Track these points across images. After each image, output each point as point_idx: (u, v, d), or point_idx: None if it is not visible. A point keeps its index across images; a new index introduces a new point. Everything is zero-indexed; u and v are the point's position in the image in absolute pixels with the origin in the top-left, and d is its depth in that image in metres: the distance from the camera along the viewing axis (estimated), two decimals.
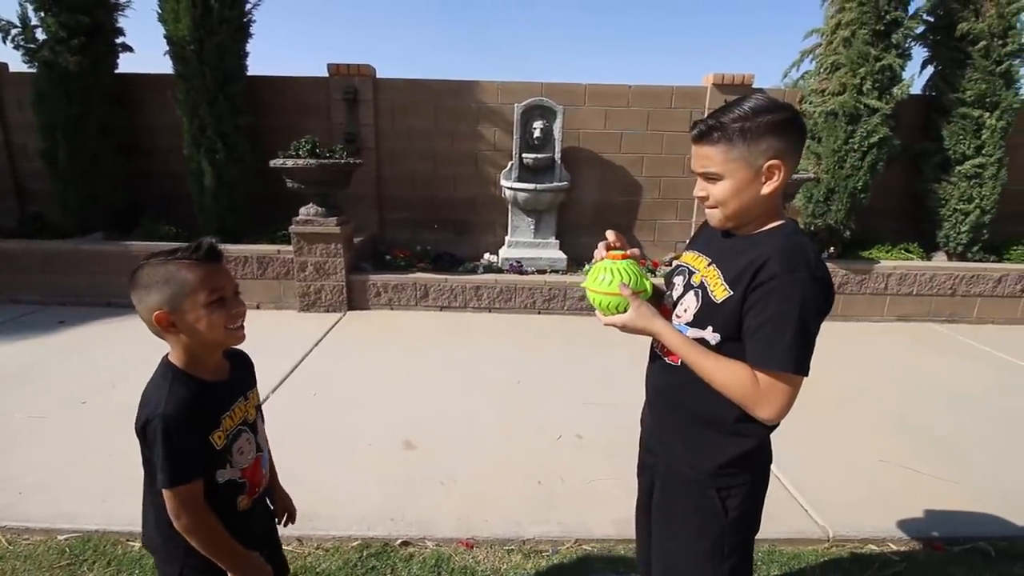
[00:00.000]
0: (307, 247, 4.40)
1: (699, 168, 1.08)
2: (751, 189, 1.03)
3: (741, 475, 1.13)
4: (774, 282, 0.98)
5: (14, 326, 4.02)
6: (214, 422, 1.03)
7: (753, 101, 1.01)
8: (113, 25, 4.85)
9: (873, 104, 4.46)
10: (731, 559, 1.15)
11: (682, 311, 1.14)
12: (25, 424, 2.63)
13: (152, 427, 0.97)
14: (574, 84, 5.17)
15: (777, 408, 1.02)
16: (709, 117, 1.04)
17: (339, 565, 1.82)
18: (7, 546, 1.89)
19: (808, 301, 0.98)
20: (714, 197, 1.07)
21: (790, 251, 1.01)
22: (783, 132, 1.01)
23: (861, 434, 2.74)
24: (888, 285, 4.56)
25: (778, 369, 1.00)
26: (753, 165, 1.02)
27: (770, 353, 1.00)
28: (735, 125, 1.00)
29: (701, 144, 1.05)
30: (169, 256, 1.00)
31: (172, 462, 0.97)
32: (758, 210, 1.07)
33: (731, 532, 1.14)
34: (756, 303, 1.01)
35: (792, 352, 0.99)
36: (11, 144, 5.30)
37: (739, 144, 1.01)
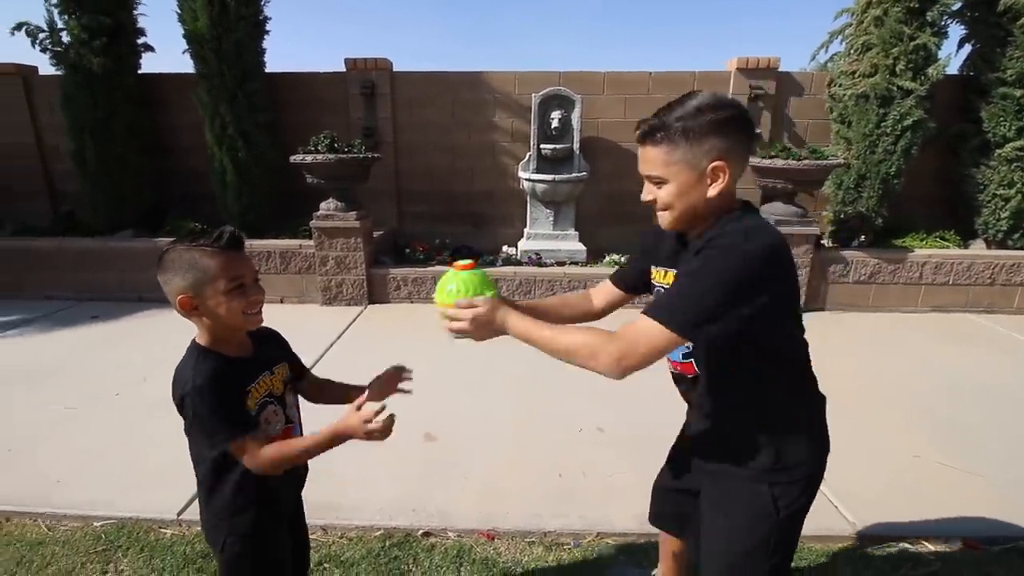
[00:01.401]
0: (328, 242, 4.45)
1: (643, 171, 1.05)
2: (696, 191, 1.00)
3: (796, 475, 1.11)
4: (702, 252, 0.96)
5: (49, 321, 4.17)
6: (241, 392, 1.08)
7: (697, 99, 0.98)
8: (134, 25, 4.95)
9: (907, 85, 4.28)
10: (774, 558, 1.13)
11: None
12: (62, 415, 2.72)
13: (189, 400, 1.02)
14: (592, 72, 5.09)
15: (618, 352, 0.96)
16: (652, 116, 1.01)
17: (363, 554, 1.84)
18: (47, 532, 1.96)
19: (717, 267, 0.93)
20: (661, 200, 1.04)
21: (730, 230, 0.97)
22: (727, 131, 0.97)
23: (894, 429, 2.66)
24: (923, 274, 4.40)
25: (648, 314, 0.95)
26: (697, 167, 0.98)
27: (652, 304, 0.99)
28: (677, 124, 0.97)
29: (644, 145, 1.03)
30: (193, 242, 1.05)
31: (219, 421, 1.03)
32: (707, 211, 1.03)
33: (779, 531, 1.11)
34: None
35: (671, 305, 0.95)
36: (43, 146, 5.46)
37: (682, 145, 0.97)
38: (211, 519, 1.17)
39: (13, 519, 2.02)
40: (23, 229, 5.10)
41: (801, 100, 5.06)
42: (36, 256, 4.70)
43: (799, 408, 1.14)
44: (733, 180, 1.00)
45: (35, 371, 3.24)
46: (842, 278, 4.41)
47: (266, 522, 1.17)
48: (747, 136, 1.01)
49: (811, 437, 1.14)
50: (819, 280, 4.39)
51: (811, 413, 1.16)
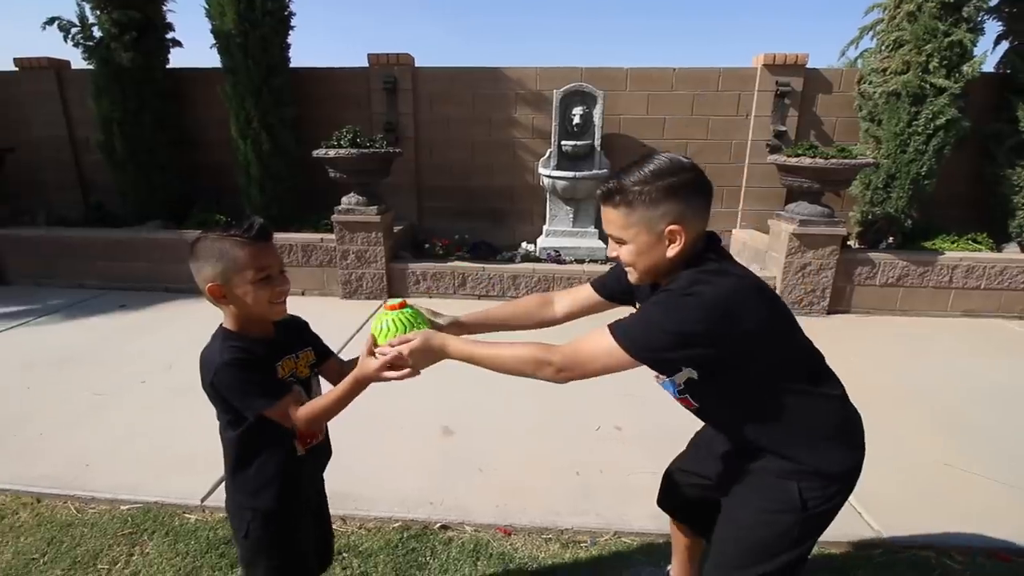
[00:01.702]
0: (349, 235, 4.49)
1: (606, 230, 1.10)
2: (655, 252, 1.04)
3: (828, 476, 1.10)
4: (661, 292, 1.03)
5: (80, 309, 4.28)
6: (269, 370, 1.13)
7: (655, 163, 1.01)
8: (163, 21, 5.05)
9: (940, 83, 4.16)
10: (792, 553, 1.11)
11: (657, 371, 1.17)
12: (90, 401, 2.80)
13: (218, 379, 1.07)
14: (615, 68, 5.04)
15: (569, 359, 1.04)
16: (612, 178, 1.05)
17: (381, 545, 1.86)
18: (76, 514, 2.02)
19: (672, 304, 0.99)
20: (623, 259, 1.09)
21: (689, 275, 1.02)
22: (683, 195, 1.00)
23: (922, 435, 2.59)
24: (953, 278, 4.27)
25: (614, 334, 1.01)
26: (654, 230, 1.02)
27: (618, 324, 1.03)
28: (635, 189, 1.00)
29: (605, 206, 1.07)
30: (224, 232, 1.08)
31: (253, 390, 1.08)
32: (669, 269, 1.07)
33: (803, 525, 1.10)
34: None
35: (628, 324, 1.02)
36: (74, 138, 5.61)
37: (639, 208, 1.01)
38: (235, 498, 1.21)
39: (44, 500, 2.08)
40: (55, 219, 5.25)
41: (829, 97, 4.95)
42: (67, 245, 4.84)
43: (820, 416, 1.12)
44: (691, 241, 1.03)
45: (66, 357, 3.34)
46: (869, 280, 4.31)
47: (288, 504, 1.19)
48: (703, 200, 1.04)
49: (841, 441, 1.12)
50: (844, 282, 4.30)
51: (835, 417, 1.14)
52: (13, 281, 4.93)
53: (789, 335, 1.08)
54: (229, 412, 1.13)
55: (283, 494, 1.18)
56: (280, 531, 1.20)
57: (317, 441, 1.27)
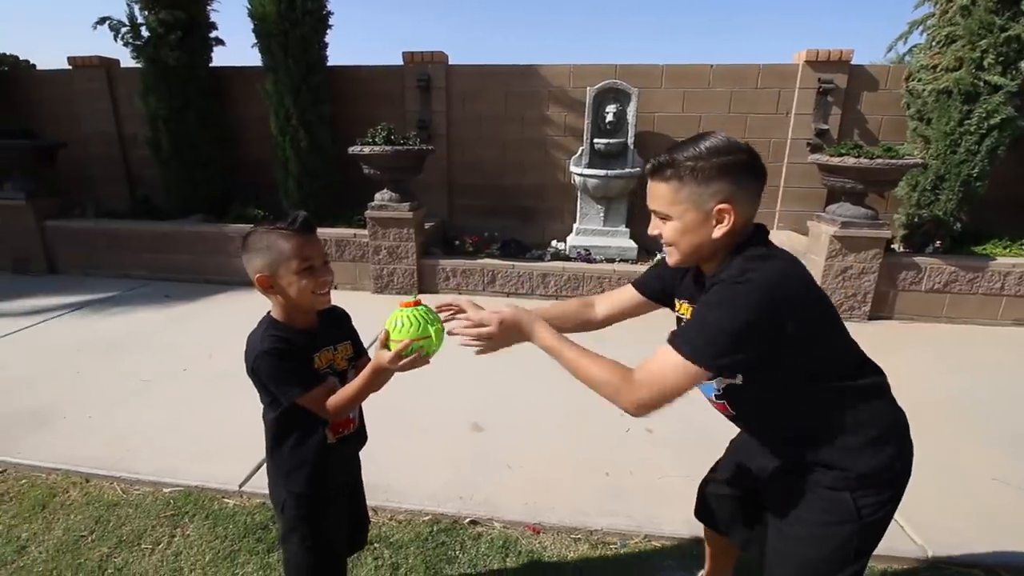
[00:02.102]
0: (381, 231, 4.55)
1: (650, 206, 1.06)
2: (701, 231, 1.01)
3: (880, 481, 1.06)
4: (714, 287, 0.98)
5: (126, 299, 4.47)
6: (306, 360, 1.17)
7: (710, 140, 0.98)
8: (207, 20, 5.20)
9: (995, 80, 3.95)
10: (855, 565, 1.07)
11: None
12: (136, 386, 2.91)
13: (259, 363, 1.12)
14: (650, 65, 4.97)
15: (646, 394, 0.98)
16: (664, 153, 1.02)
17: (411, 537, 1.88)
18: (121, 494, 2.11)
19: (730, 300, 0.94)
20: (666, 237, 1.05)
21: (740, 264, 0.98)
22: (736, 175, 0.97)
23: (969, 449, 2.47)
24: (1005, 285, 4.07)
25: (673, 347, 0.97)
26: (703, 208, 0.99)
27: (675, 336, 0.99)
28: (688, 164, 0.98)
29: (654, 180, 1.04)
30: (271, 226, 1.14)
31: (286, 379, 1.13)
32: (712, 252, 1.04)
33: (861, 536, 1.06)
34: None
35: (687, 334, 0.97)
36: (122, 135, 5.85)
37: (690, 184, 0.98)
38: (273, 476, 1.28)
39: (93, 480, 2.18)
40: (103, 212, 5.49)
41: (875, 95, 4.76)
42: (115, 237, 5.05)
43: (868, 417, 1.07)
44: (739, 224, 1.00)
45: (114, 344, 3.48)
46: (913, 286, 4.14)
47: (317, 488, 1.24)
48: (756, 182, 1.00)
49: (890, 443, 1.08)
50: (888, 287, 4.14)
51: (886, 417, 1.10)
52: (63, 271, 5.18)
53: (838, 327, 1.05)
54: (268, 396, 1.18)
55: (312, 478, 1.23)
56: (312, 512, 1.26)
57: (349, 431, 1.30)
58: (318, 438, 1.22)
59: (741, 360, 0.97)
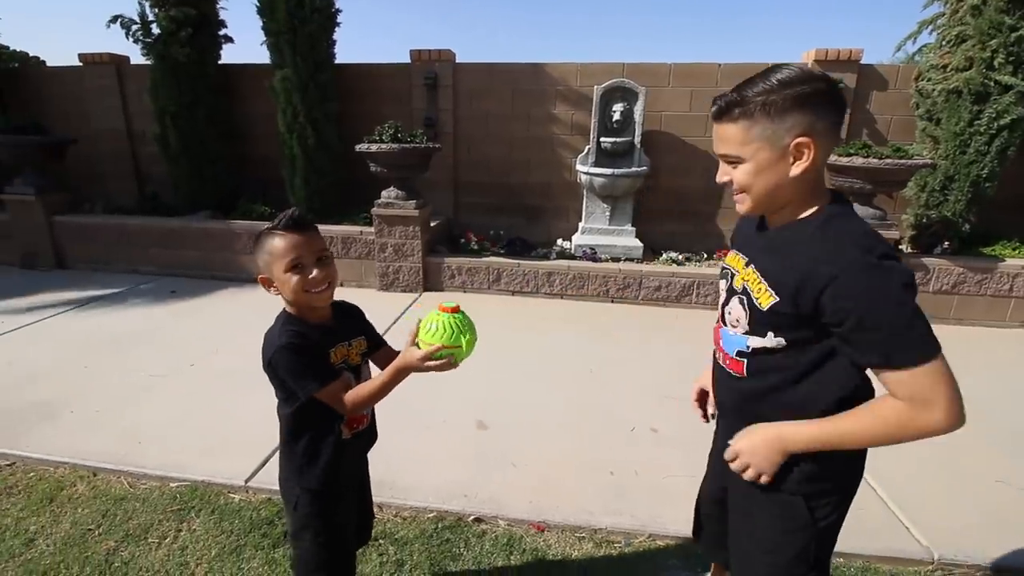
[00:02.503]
0: (387, 229, 4.56)
1: (718, 151, 0.98)
2: (777, 171, 0.92)
3: (831, 485, 1.05)
4: (833, 288, 0.87)
5: (134, 294, 4.50)
6: (322, 355, 1.18)
7: (782, 72, 0.90)
8: (216, 17, 5.23)
9: (1006, 80, 3.91)
10: (812, 572, 1.07)
11: (734, 321, 1.06)
12: (144, 381, 2.93)
13: (276, 358, 1.12)
14: (658, 64, 4.95)
15: (946, 406, 0.86)
16: (730, 92, 0.93)
17: (416, 534, 1.89)
18: (128, 488, 2.12)
19: (879, 287, 0.85)
20: (738, 182, 0.97)
21: (834, 244, 0.89)
22: (814, 106, 0.89)
23: (974, 451, 2.45)
24: (1014, 287, 4.03)
25: (910, 365, 0.86)
26: (778, 144, 0.90)
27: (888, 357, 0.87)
28: (758, 99, 0.90)
29: (721, 122, 0.95)
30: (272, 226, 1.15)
31: (307, 371, 1.13)
32: (790, 194, 0.95)
33: (818, 542, 1.06)
34: (832, 314, 0.88)
35: (907, 341, 0.86)
36: (131, 131, 5.88)
37: (761, 120, 0.90)
38: (286, 473, 1.28)
39: (100, 474, 2.20)
40: (112, 208, 5.52)
41: (884, 95, 4.73)
42: (123, 233, 5.08)
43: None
44: (820, 159, 0.92)
45: (122, 339, 3.51)
46: (922, 287, 4.11)
47: (331, 484, 1.25)
48: (836, 113, 0.92)
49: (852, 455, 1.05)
50: None
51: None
52: (72, 266, 5.22)
53: None
54: (284, 391, 1.18)
55: (327, 474, 1.24)
56: (325, 508, 1.26)
57: (363, 426, 1.32)
58: (334, 434, 1.23)
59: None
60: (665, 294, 4.37)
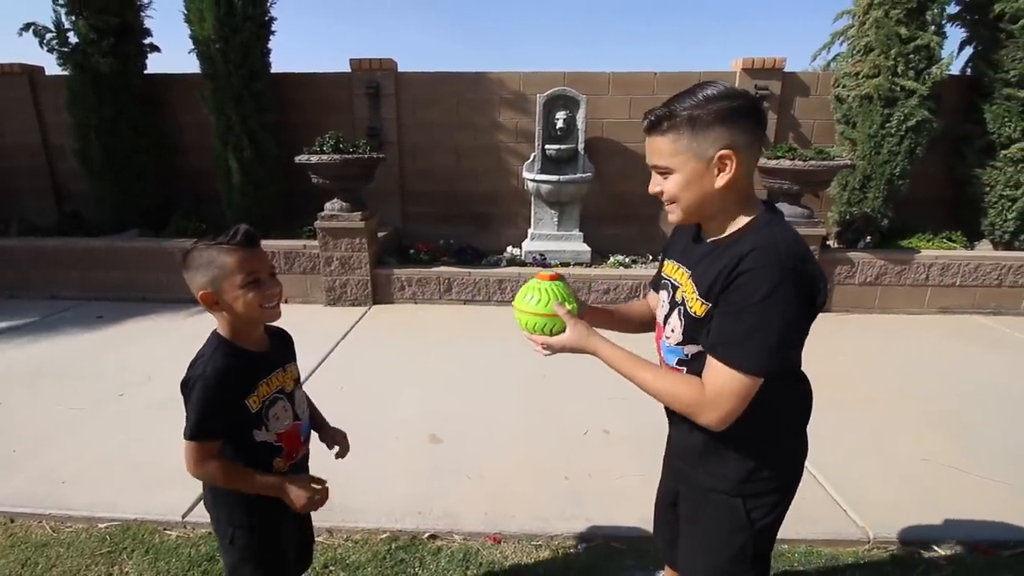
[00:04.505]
0: (332, 242, 4.44)
1: (650, 162, 1.03)
2: (704, 182, 0.97)
3: (769, 486, 1.10)
4: (743, 277, 0.93)
5: (55, 321, 4.17)
6: (251, 387, 1.13)
7: (708, 89, 0.95)
8: (141, 26, 4.96)
9: (909, 85, 4.26)
10: (753, 569, 1.12)
11: (670, 331, 1.12)
12: (66, 416, 2.72)
13: (191, 386, 1.08)
14: (597, 73, 5.08)
15: (723, 413, 0.96)
16: (660, 106, 0.98)
17: (368, 557, 1.83)
18: (51, 533, 1.96)
19: (777, 296, 0.90)
20: (668, 192, 1.01)
21: (763, 246, 0.94)
22: (735, 120, 0.94)
23: (902, 432, 2.64)
24: (929, 276, 4.37)
25: (720, 359, 0.95)
26: (703, 156, 0.95)
27: (727, 350, 0.95)
28: (685, 113, 0.95)
29: (652, 135, 1.00)
30: (212, 241, 1.10)
31: (197, 419, 1.07)
32: (717, 204, 1.00)
33: (755, 542, 1.11)
34: (727, 297, 0.96)
35: (754, 349, 0.93)
36: (48, 145, 5.48)
37: (688, 134, 0.95)
38: (215, 511, 1.21)
39: (18, 520, 2.02)
40: (28, 228, 5.11)
41: (807, 100, 5.04)
42: (41, 255, 4.71)
43: (783, 418, 1.10)
44: (743, 172, 0.97)
45: (41, 371, 3.24)
46: (848, 279, 4.39)
47: (270, 515, 1.19)
48: (756, 127, 0.98)
49: (789, 447, 1.12)
50: None
51: (794, 422, 1.13)
52: None
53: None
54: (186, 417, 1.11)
55: (263, 509, 1.18)
56: (262, 540, 1.21)
57: (298, 456, 1.27)
58: (266, 468, 1.16)
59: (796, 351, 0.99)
60: (614, 296, 4.46)
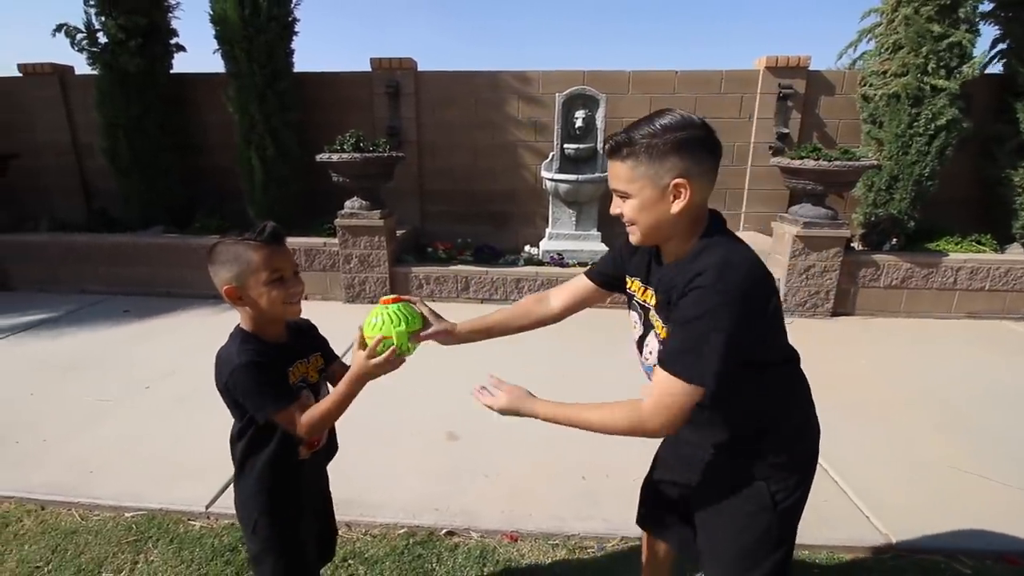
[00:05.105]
0: (352, 240, 4.49)
1: (611, 185, 1.07)
2: (659, 208, 1.02)
3: (788, 467, 1.12)
4: (693, 294, 0.97)
5: (83, 315, 4.29)
6: (281, 374, 1.15)
7: (666, 118, 0.99)
8: (168, 26, 5.07)
9: (939, 84, 4.15)
10: (777, 552, 1.14)
11: (648, 353, 1.16)
12: (94, 407, 2.79)
13: (233, 380, 1.09)
14: (617, 71, 5.05)
15: (663, 420, 0.99)
16: (621, 132, 1.03)
17: (386, 552, 1.85)
18: (80, 521, 2.01)
19: (713, 313, 0.94)
20: (626, 215, 1.07)
21: (714, 264, 0.98)
22: (689, 150, 0.98)
23: (926, 438, 2.58)
24: (957, 280, 4.26)
25: (667, 370, 0.98)
26: (659, 184, 1.00)
27: (672, 360, 0.99)
28: (643, 141, 0.99)
29: (612, 160, 1.04)
30: (239, 237, 1.12)
31: (267, 393, 1.10)
32: (672, 228, 1.05)
33: (779, 524, 1.12)
34: (675, 312, 1.01)
35: (685, 361, 0.97)
36: (78, 144, 5.63)
37: (644, 161, 0.99)
38: (243, 497, 1.24)
39: (48, 508, 2.08)
40: (58, 225, 5.26)
41: (832, 99, 4.95)
42: (70, 251, 4.84)
43: (780, 399, 1.14)
44: (697, 199, 1.01)
45: (71, 363, 3.34)
46: (872, 282, 4.30)
47: (291, 504, 1.22)
48: (709, 158, 1.02)
49: (797, 425, 1.15)
50: (849, 284, 4.29)
51: (794, 400, 1.16)
52: (17, 287, 4.94)
53: (780, 314, 1.09)
54: (240, 412, 1.15)
55: (286, 496, 1.21)
56: (286, 529, 1.23)
57: (321, 444, 1.29)
58: (290, 454, 1.20)
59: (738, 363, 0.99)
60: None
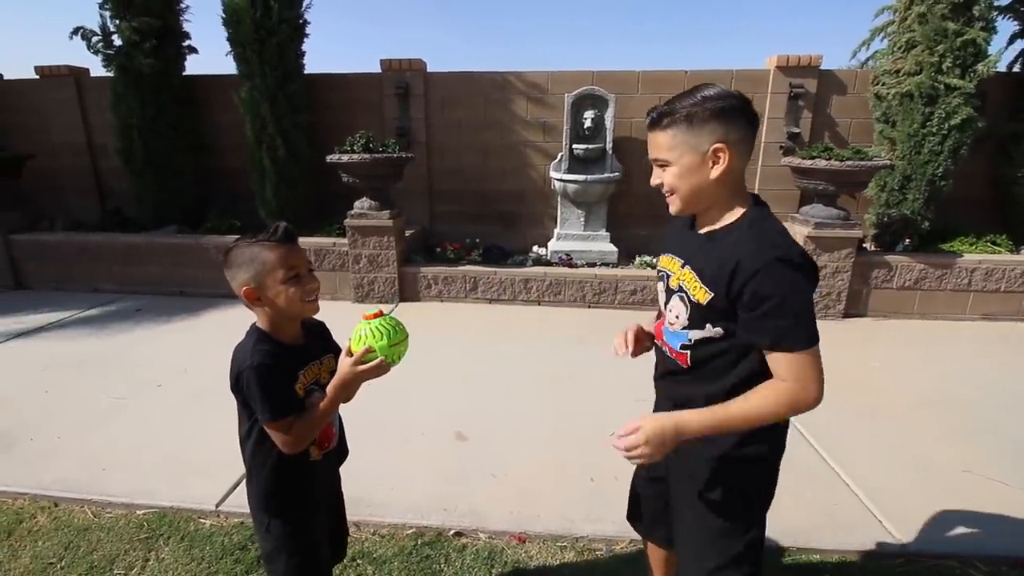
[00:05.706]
0: (361, 240, 4.51)
1: (651, 155, 1.12)
2: (699, 174, 1.06)
3: (760, 453, 1.16)
4: (754, 282, 1.01)
5: (97, 313, 4.34)
6: (293, 377, 1.17)
7: (706, 90, 1.05)
8: (180, 28, 5.13)
9: (953, 83, 4.09)
10: (749, 534, 1.18)
11: (674, 317, 1.17)
12: (107, 405, 2.83)
13: (245, 378, 1.10)
14: (626, 72, 5.03)
15: (818, 386, 1.02)
16: (664, 104, 1.08)
17: (395, 552, 1.86)
18: (92, 518, 2.04)
19: (791, 283, 1.01)
20: (667, 183, 1.11)
21: (757, 244, 1.03)
22: (728, 117, 1.03)
23: (939, 441, 2.54)
24: (972, 281, 4.20)
25: (800, 349, 1.01)
26: (698, 150, 1.05)
27: (787, 341, 1.02)
28: (683, 111, 1.04)
29: (653, 131, 1.09)
30: (253, 238, 1.14)
31: (269, 400, 1.10)
32: (712, 195, 1.09)
33: (745, 507, 1.18)
34: (748, 303, 1.03)
35: (802, 329, 1.01)
36: (93, 145, 5.70)
37: (685, 129, 1.05)
38: (255, 498, 1.24)
39: (61, 504, 2.11)
40: (73, 224, 5.34)
41: (844, 99, 4.89)
42: (85, 250, 4.91)
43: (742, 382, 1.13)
44: (735, 165, 1.06)
45: (84, 361, 3.38)
46: (885, 283, 4.25)
47: (303, 503, 1.23)
48: (747, 125, 1.06)
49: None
50: (861, 285, 4.24)
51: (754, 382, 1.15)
52: (32, 286, 5.02)
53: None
54: (248, 411, 1.16)
55: (298, 496, 1.22)
56: (299, 529, 1.24)
57: (332, 445, 1.30)
58: (302, 456, 1.20)
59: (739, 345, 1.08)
60: (641, 297, 4.41)
